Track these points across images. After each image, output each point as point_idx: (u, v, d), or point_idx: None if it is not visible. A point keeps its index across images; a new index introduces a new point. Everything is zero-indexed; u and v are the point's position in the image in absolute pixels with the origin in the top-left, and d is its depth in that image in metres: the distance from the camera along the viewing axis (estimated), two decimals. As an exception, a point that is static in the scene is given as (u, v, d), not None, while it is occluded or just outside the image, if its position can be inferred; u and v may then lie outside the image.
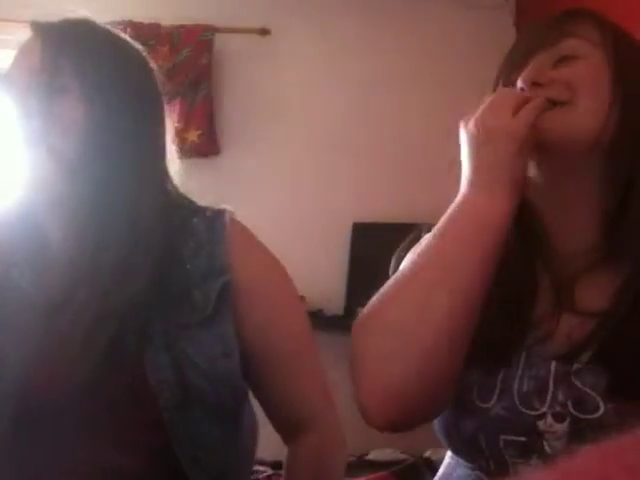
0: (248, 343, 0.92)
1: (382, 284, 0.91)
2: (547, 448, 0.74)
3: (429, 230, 0.84)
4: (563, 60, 0.81)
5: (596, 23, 0.83)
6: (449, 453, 0.87)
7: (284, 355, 0.95)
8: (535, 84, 0.79)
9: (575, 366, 0.76)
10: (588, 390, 0.74)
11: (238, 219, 0.95)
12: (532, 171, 0.82)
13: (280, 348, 0.95)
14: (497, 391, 0.77)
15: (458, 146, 0.86)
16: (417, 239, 0.89)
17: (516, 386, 0.77)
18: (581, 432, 0.72)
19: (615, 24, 0.86)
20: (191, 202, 0.96)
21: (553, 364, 0.76)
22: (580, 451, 0.28)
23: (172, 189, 0.96)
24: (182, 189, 0.98)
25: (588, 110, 0.79)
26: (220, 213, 0.93)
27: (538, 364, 0.77)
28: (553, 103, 0.79)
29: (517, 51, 0.85)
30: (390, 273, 0.89)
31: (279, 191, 2.58)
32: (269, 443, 1.07)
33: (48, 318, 0.88)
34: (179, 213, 0.93)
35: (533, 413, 0.75)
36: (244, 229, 0.95)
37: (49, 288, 0.90)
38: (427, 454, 2.32)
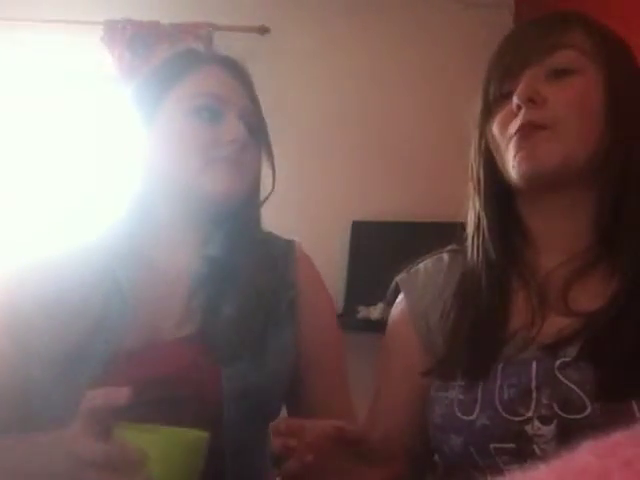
0: (298, 356, 0.99)
1: (381, 283, 0.94)
2: (538, 452, 0.73)
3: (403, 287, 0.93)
4: (557, 75, 0.81)
5: (588, 31, 0.83)
6: None
7: (325, 370, 1.02)
8: (531, 101, 0.80)
9: (559, 361, 0.75)
10: (573, 387, 0.73)
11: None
12: (520, 185, 0.82)
13: (323, 364, 1.02)
14: (478, 403, 0.77)
15: (457, 145, 0.86)
16: (396, 293, 0.96)
17: (497, 395, 0.76)
18: (570, 433, 0.72)
19: (607, 30, 0.86)
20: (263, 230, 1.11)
21: (533, 365, 0.76)
22: (577, 448, 0.28)
23: None
24: None
25: (580, 134, 0.79)
26: (292, 242, 1.08)
27: (517, 371, 0.77)
28: (544, 127, 0.79)
29: (508, 58, 0.85)
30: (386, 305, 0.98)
31: (278, 189, 2.57)
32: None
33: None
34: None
35: (519, 419, 0.75)
36: (307, 256, 1.08)
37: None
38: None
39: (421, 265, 0.96)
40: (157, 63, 1.06)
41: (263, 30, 2.60)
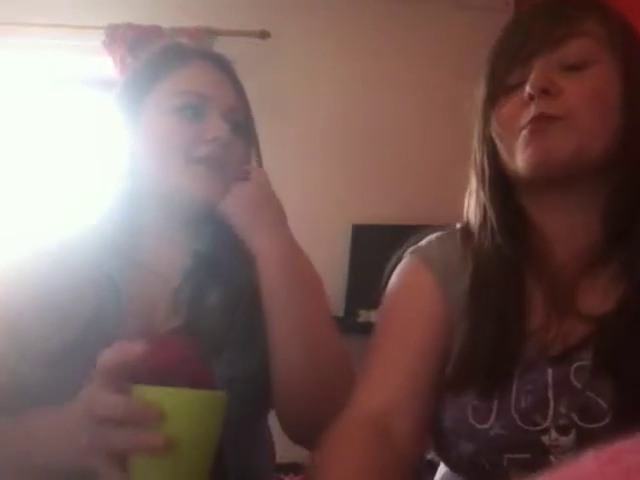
0: None
1: (381, 286, 0.92)
2: (554, 462, 0.69)
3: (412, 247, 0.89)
4: (571, 68, 0.77)
5: (603, 18, 0.79)
6: None
7: None
8: (544, 92, 0.76)
9: (576, 365, 0.72)
10: (591, 394, 0.70)
11: None
12: (527, 177, 0.79)
13: None
14: (494, 411, 0.73)
15: (457, 148, 0.86)
16: (400, 259, 0.91)
17: (513, 403, 0.72)
18: (589, 442, 0.69)
19: (621, 17, 0.82)
20: None
21: (549, 372, 0.73)
22: (584, 455, 0.28)
23: None
24: None
25: (594, 126, 0.76)
26: None
27: (533, 378, 0.73)
28: (557, 118, 0.76)
29: (516, 46, 0.81)
30: (384, 282, 0.91)
31: (279, 193, 2.57)
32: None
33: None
34: None
35: (536, 429, 0.71)
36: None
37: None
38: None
39: (432, 237, 0.91)
40: (140, 61, 1.03)
41: (264, 34, 2.61)
